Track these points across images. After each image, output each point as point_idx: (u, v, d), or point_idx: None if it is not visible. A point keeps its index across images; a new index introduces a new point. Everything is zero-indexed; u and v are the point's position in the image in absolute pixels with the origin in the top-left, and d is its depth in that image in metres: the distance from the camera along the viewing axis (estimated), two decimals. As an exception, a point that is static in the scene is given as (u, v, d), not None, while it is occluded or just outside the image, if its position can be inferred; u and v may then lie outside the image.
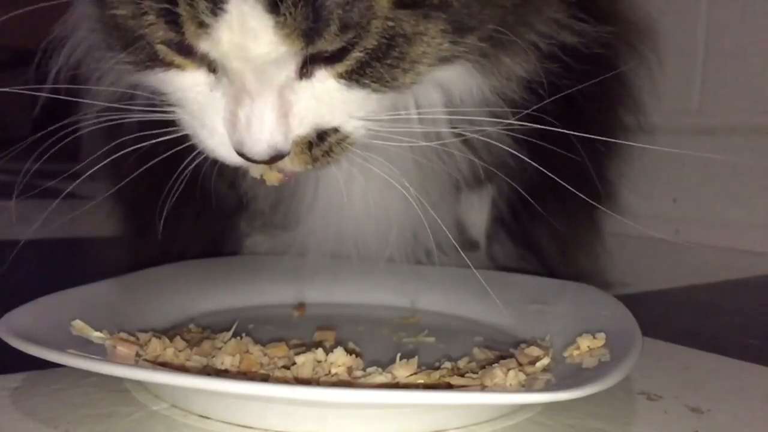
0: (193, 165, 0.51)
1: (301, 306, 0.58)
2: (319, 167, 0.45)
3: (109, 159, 0.54)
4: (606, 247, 0.73)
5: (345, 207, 0.58)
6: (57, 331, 0.41)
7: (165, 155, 0.50)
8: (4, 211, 1.15)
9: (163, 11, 0.39)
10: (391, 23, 0.41)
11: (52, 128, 0.52)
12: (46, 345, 0.37)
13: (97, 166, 0.54)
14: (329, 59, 0.42)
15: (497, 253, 0.68)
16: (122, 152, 0.50)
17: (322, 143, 0.44)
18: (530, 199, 0.64)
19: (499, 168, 0.59)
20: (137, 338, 0.44)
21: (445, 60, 0.45)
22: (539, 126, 0.51)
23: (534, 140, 0.55)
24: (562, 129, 0.51)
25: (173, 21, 0.39)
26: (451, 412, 0.37)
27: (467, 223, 0.67)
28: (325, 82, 0.42)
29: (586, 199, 0.58)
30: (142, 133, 0.48)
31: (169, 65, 0.43)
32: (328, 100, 0.43)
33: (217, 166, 0.54)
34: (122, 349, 0.42)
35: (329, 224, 0.61)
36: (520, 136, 0.56)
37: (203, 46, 0.40)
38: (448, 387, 0.39)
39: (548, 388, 0.37)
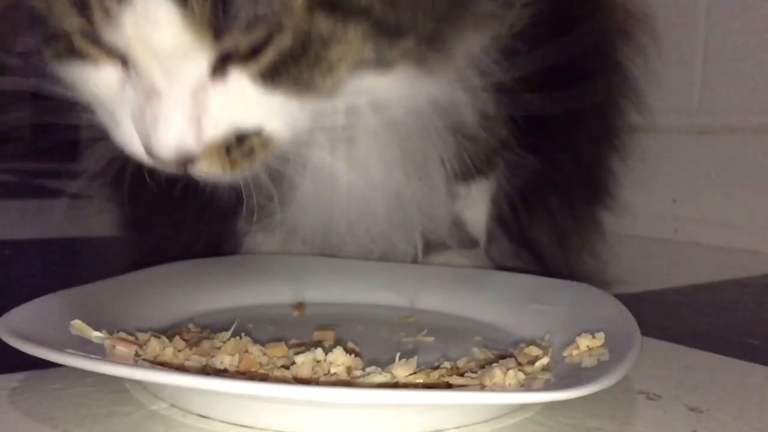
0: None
1: (300, 305, 0.58)
2: (239, 171, 0.44)
3: (108, 159, 0.54)
4: (606, 246, 0.73)
5: (331, 197, 0.58)
6: (56, 330, 0.41)
7: None
8: (4, 211, 1.15)
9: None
10: (306, 23, 0.40)
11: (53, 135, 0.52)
12: (45, 345, 0.36)
13: (96, 165, 0.54)
14: (243, 59, 0.40)
15: (496, 251, 0.68)
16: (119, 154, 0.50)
17: (241, 146, 0.43)
18: (530, 197, 0.64)
19: (497, 158, 0.58)
20: (136, 338, 0.44)
21: (376, 65, 0.44)
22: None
23: (531, 136, 0.55)
24: (549, 124, 0.50)
25: (83, 8, 0.38)
26: (450, 412, 0.37)
27: (466, 221, 0.67)
28: (240, 81, 0.41)
29: (588, 195, 0.58)
30: None
31: (84, 58, 0.42)
32: (244, 102, 0.41)
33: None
34: (121, 349, 0.42)
35: (316, 213, 0.60)
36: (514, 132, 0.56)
37: (109, 35, 0.39)
38: (448, 386, 0.39)
39: (547, 387, 0.37)
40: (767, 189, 1.01)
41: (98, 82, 0.43)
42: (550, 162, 0.60)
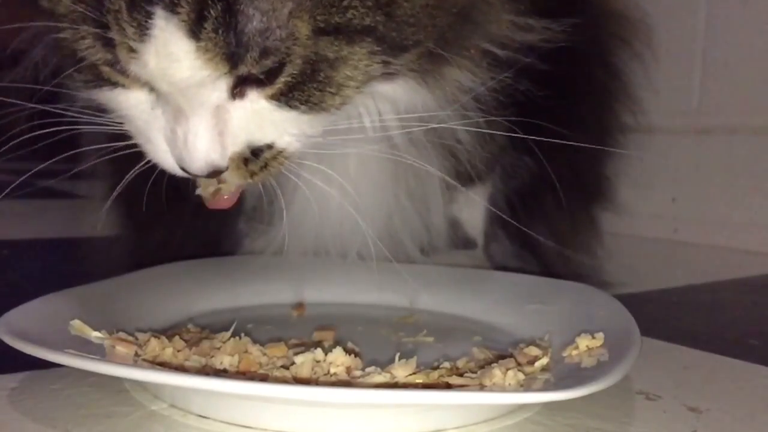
0: None
1: (300, 306, 0.58)
2: (258, 180, 0.47)
3: (107, 159, 0.54)
4: (605, 246, 0.73)
5: (324, 201, 0.59)
6: (56, 331, 0.41)
7: None
8: (4, 211, 1.15)
9: (98, 36, 0.41)
10: (312, 50, 0.42)
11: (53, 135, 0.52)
12: (44, 345, 0.37)
13: (94, 160, 0.54)
14: (259, 82, 0.43)
15: (495, 252, 0.68)
16: (120, 154, 0.50)
17: (257, 159, 0.45)
18: (528, 197, 0.64)
19: (494, 161, 0.59)
20: (136, 338, 0.44)
21: (381, 77, 0.46)
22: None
23: (527, 139, 0.55)
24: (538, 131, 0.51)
25: (108, 44, 0.41)
26: (449, 412, 0.37)
27: (463, 222, 0.67)
28: (257, 102, 0.44)
29: (585, 197, 0.58)
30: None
31: (114, 84, 0.45)
32: (260, 120, 0.44)
33: None
34: (121, 349, 0.42)
35: (310, 217, 0.61)
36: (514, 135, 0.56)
37: (134, 69, 0.42)
38: (447, 387, 0.39)
39: (547, 387, 0.37)
40: (767, 189, 1.01)
41: (129, 105, 0.45)
42: (546, 164, 0.61)
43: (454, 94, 0.52)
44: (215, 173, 0.45)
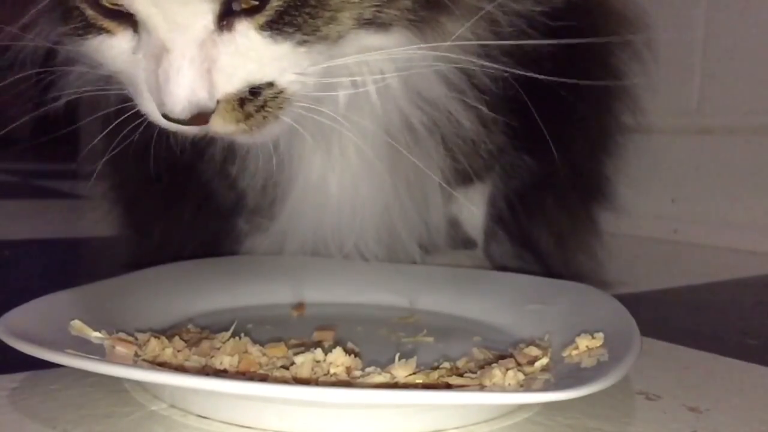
0: (190, 164, 0.51)
1: (299, 306, 0.58)
2: (253, 125, 0.44)
3: (107, 158, 0.54)
4: (604, 246, 0.73)
5: (322, 196, 0.59)
6: (56, 331, 0.41)
7: (161, 156, 0.50)
8: (4, 211, 1.15)
9: None
10: None
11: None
12: (44, 345, 0.36)
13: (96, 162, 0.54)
14: (247, 12, 0.41)
15: (495, 251, 0.68)
16: (119, 149, 0.50)
17: (255, 98, 0.43)
18: (527, 197, 0.64)
19: (493, 159, 0.58)
20: (136, 338, 0.44)
21: (377, 25, 0.45)
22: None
23: (526, 138, 0.55)
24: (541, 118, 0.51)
25: None
26: (449, 412, 0.37)
27: (463, 221, 0.67)
28: (247, 34, 0.42)
29: (584, 196, 0.58)
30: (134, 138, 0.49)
31: (99, 30, 0.43)
32: (255, 55, 0.42)
33: (213, 165, 0.55)
34: (121, 349, 0.42)
35: (307, 214, 0.61)
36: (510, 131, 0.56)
37: None
38: (447, 387, 0.39)
39: (547, 387, 0.37)
40: (767, 189, 1.01)
41: (114, 53, 0.44)
42: (545, 163, 0.61)
43: (452, 48, 0.50)
44: (200, 117, 0.42)
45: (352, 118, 0.51)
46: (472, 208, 0.67)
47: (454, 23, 0.49)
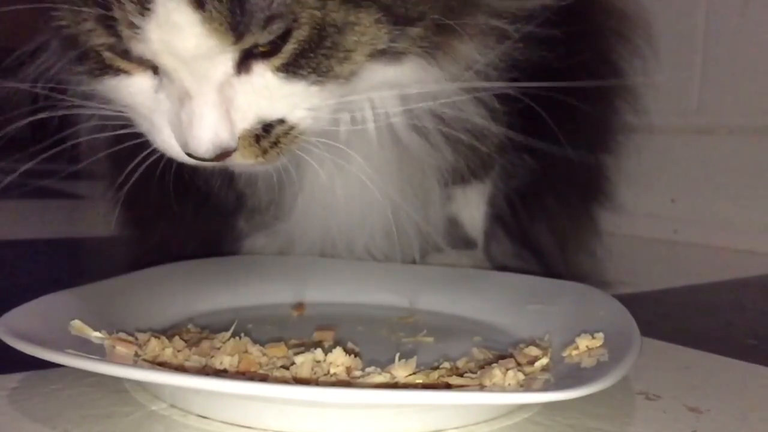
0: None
1: (300, 306, 0.58)
2: (270, 159, 0.46)
3: (107, 159, 0.54)
4: (604, 246, 0.73)
5: (328, 198, 0.59)
6: (56, 331, 0.41)
7: (160, 156, 0.50)
8: (4, 211, 1.15)
9: (101, 17, 0.40)
10: (319, 13, 0.42)
11: (52, 135, 0.53)
12: (44, 345, 0.36)
13: (96, 165, 0.54)
14: (265, 54, 0.42)
15: (495, 251, 0.68)
16: (120, 153, 0.51)
17: (268, 135, 0.45)
18: (527, 196, 0.64)
19: (493, 159, 0.59)
20: (136, 338, 0.44)
21: (390, 55, 0.46)
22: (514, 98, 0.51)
23: (527, 134, 0.55)
24: (550, 121, 0.51)
25: (111, 26, 0.40)
26: (449, 412, 0.37)
27: (463, 221, 0.67)
28: (263, 75, 0.43)
29: (584, 196, 0.58)
30: (135, 142, 0.49)
31: (117, 71, 0.44)
32: (268, 93, 0.43)
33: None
34: (121, 349, 0.42)
35: (314, 217, 0.61)
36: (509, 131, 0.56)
37: (137, 47, 0.41)
38: (447, 387, 0.39)
39: (547, 387, 0.37)
40: (767, 189, 1.01)
41: (132, 92, 0.45)
42: (545, 162, 0.61)
43: (465, 73, 0.51)
44: (224, 155, 0.43)
45: (357, 131, 0.52)
46: (472, 207, 0.67)
47: (466, 45, 0.50)
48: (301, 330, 0.51)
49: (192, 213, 0.64)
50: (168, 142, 0.45)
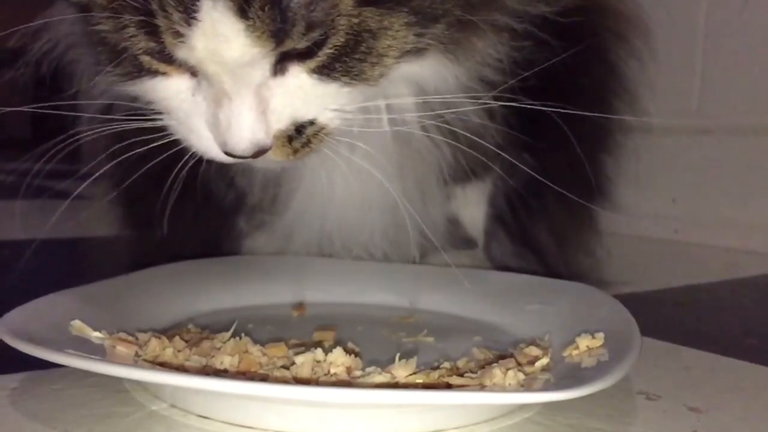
0: (190, 164, 0.51)
1: (300, 306, 0.58)
2: (300, 157, 0.47)
3: (109, 161, 0.54)
4: (605, 246, 0.73)
5: (327, 195, 0.59)
6: (56, 331, 0.41)
7: (162, 157, 0.50)
8: (4, 211, 1.15)
9: (143, 24, 0.41)
10: (356, 20, 0.43)
11: (53, 135, 0.53)
12: (45, 345, 0.37)
13: (97, 165, 0.55)
14: (301, 56, 0.43)
15: (495, 251, 0.68)
16: (121, 155, 0.51)
17: (300, 135, 0.46)
18: (527, 196, 0.64)
19: (493, 158, 0.59)
20: (136, 338, 0.44)
21: (413, 52, 0.47)
22: (513, 104, 0.52)
23: (527, 134, 0.55)
24: (550, 120, 0.51)
25: (152, 32, 0.41)
26: (450, 412, 0.37)
27: (463, 221, 0.67)
28: (298, 77, 0.44)
29: (583, 195, 0.58)
30: (136, 139, 0.50)
31: (154, 73, 0.45)
32: (303, 95, 0.45)
33: (213, 164, 0.55)
34: (121, 349, 0.42)
35: (313, 212, 0.62)
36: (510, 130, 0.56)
37: (181, 54, 0.42)
38: (447, 387, 0.39)
39: (547, 387, 0.37)
40: (767, 189, 1.01)
41: (169, 94, 0.46)
42: (545, 161, 0.61)
43: (480, 68, 0.53)
44: (260, 153, 0.45)
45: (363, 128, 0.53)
46: (473, 206, 0.67)
47: (483, 41, 0.52)
48: (301, 330, 0.51)
49: (192, 213, 0.64)
50: (206, 144, 0.46)
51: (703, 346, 0.54)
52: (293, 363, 0.41)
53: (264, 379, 0.40)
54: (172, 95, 0.46)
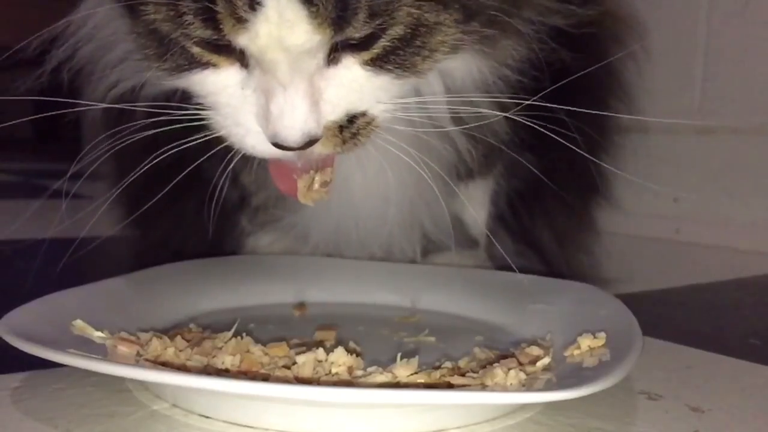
0: (194, 164, 0.51)
1: (301, 305, 0.58)
2: (347, 149, 0.47)
3: (110, 159, 0.54)
4: (606, 246, 0.73)
5: (343, 193, 0.59)
6: (58, 330, 0.41)
7: (164, 156, 0.50)
8: (4, 211, 1.15)
9: (201, 10, 0.41)
10: (415, 12, 0.43)
11: (54, 136, 0.53)
12: (46, 345, 0.37)
13: (97, 161, 0.55)
14: (356, 47, 0.44)
15: (497, 251, 0.68)
16: (125, 152, 0.51)
17: (351, 126, 0.46)
18: (529, 196, 0.64)
19: (495, 157, 0.59)
20: (138, 338, 0.44)
21: (455, 48, 0.47)
22: (527, 101, 0.53)
23: (530, 133, 0.55)
24: (558, 116, 0.52)
25: (210, 18, 0.41)
26: (451, 412, 0.37)
27: (466, 221, 0.67)
28: (351, 68, 0.44)
29: (583, 195, 0.58)
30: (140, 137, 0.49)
31: (204, 65, 0.45)
32: (357, 86, 0.45)
33: (216, 163, 0.55)
34: (123, 349, 0.42)
35: (322, 216, 0.62)
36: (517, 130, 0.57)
37: (241, 40, 0.42)
38: (449, 386, 0.39)
39: (549, 387, 0.37)
40: (767, 189, 1.01)
41: (218, 87, 0.46)
42: (546, 161, 0.61)
43: (502, 67, 0.54)
44: (310, 143, 0.45)
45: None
46: (476, 205, 0.67)
47: (508, 40, 0.52)
48: (302, 330, 0.51)
49: (194, 212, 0.64)
50: (254, 138, 0.46)
51: (705, 346, 0.54)
52: (295, 363, 0.41)
53: (265, 378, 0.40)
54: (220, 89, 0.46)
